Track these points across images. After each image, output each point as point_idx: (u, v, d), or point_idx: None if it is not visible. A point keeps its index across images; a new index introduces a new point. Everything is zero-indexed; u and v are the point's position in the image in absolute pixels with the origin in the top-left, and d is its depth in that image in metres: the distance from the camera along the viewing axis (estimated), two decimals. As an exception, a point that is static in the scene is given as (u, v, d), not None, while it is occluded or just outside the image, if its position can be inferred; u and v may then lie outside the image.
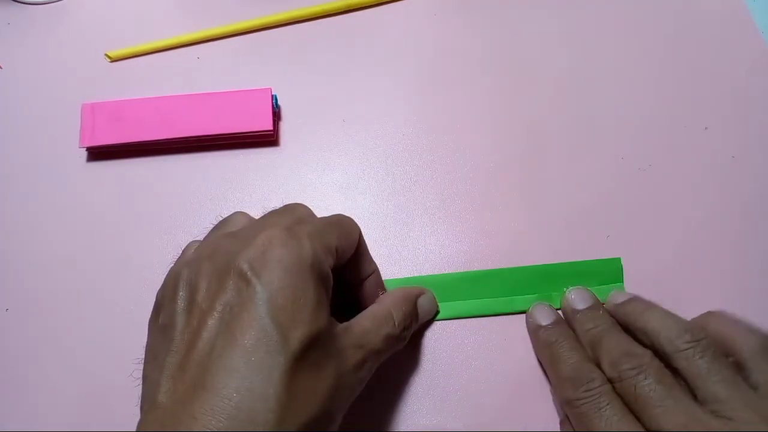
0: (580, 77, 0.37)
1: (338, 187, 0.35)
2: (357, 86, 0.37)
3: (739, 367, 0.26)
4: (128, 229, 0.34)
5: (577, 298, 0.30)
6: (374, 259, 0.31)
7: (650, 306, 0.29)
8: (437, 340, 0.31)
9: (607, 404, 0.25)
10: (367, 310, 0.27)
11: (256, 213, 0.34)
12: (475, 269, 0.32)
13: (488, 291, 0.32)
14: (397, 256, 0.33)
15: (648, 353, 0.26)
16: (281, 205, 0.27)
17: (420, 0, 0.40)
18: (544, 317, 0.30)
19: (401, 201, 0.34)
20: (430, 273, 0.33)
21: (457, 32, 0.39)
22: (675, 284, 0.32)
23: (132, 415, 0.30)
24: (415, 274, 0.33)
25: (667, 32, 0.38)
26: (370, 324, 0.25)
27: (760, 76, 0.37)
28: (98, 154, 0.36)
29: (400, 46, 0.38)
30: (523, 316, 0.31)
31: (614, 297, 0.31)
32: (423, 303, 0.30)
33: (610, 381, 0.26)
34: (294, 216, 0.26)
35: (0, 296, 0.33)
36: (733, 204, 0.34)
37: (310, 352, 0.21)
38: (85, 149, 0.36)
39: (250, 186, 0.35)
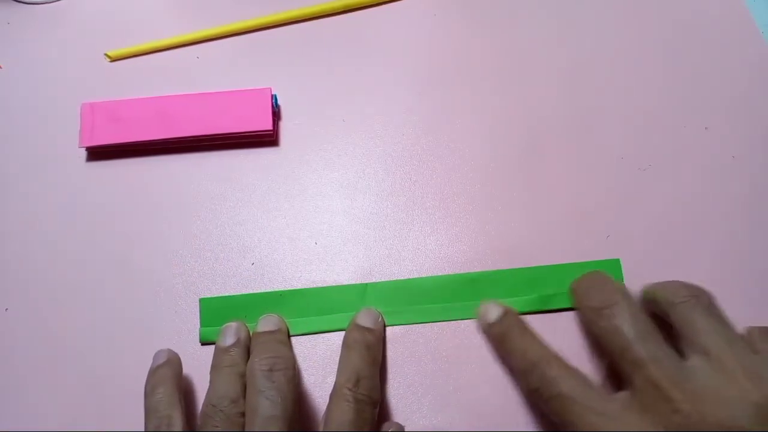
0: (580, 77, 0.37)
1: (338, 187, 0.35)
2: (357, 86, 0.37)
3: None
4: (128, 229, 0.34)
5: (489, 312, 0.30)
6: (374, 259, 0.31)
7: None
8: (437, 340, 0.31)
9: (561, 386, 0.26)
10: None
11: (257, 212, 0.34)
12: (474, 269, 0.32)
13: (488, 292, 0.32)
14: (397, 256, 0.33)
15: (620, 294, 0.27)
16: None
17: (420, 0, 0.40)
18: (491, 313, 0.30)
19: (401, 201, 0.34)
20: (430, 273, 0.33)
21: (457, 32, 0.39)
22: (675, 284, 0.32)
23: (132, 414, 0.30)
24: (415, 275, 0.33)
25: (667, 32, 0.38)
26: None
27: (760, 76, 0.37)
28: (98, 154, 0.36)
29: (400, 46, 0.38)
30: (523, 316, 0.31)
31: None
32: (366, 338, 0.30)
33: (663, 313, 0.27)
34: None
35: (0, 296, 0.33)
36: (733, 204, 0.34)
37: None
38: (84, 149, 0.36)
39: (250, 186, 0.35)
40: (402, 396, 0.30)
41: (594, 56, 0.38)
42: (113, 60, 0.38)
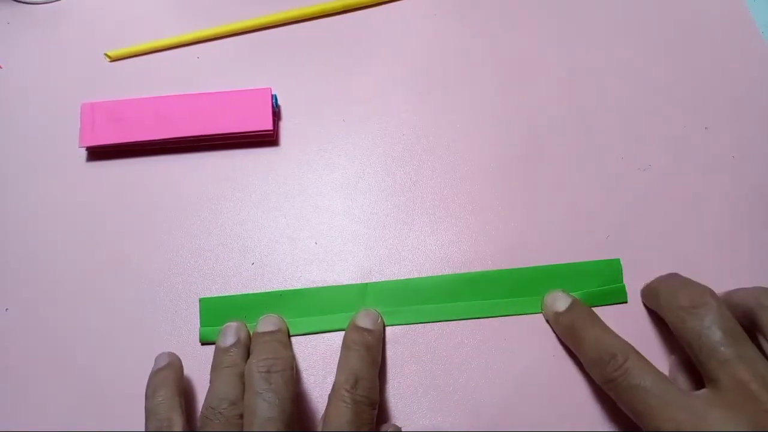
0: (580, 77, 0.37)
1: (338, 187, 0.35)
2: (357, 86, 0.37)
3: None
4: (128, 229, 0.34)
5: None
6: (374, 259, 0.31)
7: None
8: (437, 340, 0.31)
9: (640, 379, 0.26)
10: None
11: (257, 212, 0.34)
12: (475, 269, 0.32)
13: (488, 292, 0.32)
14: (397, 256, 0.33)
15: (708, 296, 0.27)
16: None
17: (420, 0, 0.40)
18: (560, 303, 0.30)
19: (401, 201, 0.34)
20: (430, 273, 0.33)
21: (456, 32, 0.39)
22: (675, 284, 0.32)
23: (131, 414, 0.30)
24: (415, 275, 0.33)
25: (667, 32, 0.38)
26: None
27: (760, 76, 0.37)
28: (98, 153, 0.36)
29: (400, 46, 0.38)
30: (523, 317, 0.31)
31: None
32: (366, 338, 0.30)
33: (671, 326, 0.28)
34: None
35: (0, 296, 0.33)
36: (733, 204, 0.34)
37: None
38: (84, 149, 0.36)
39: (250, 186, 0.35)
40: (402, 396, 0.30)
41: (594, 56, 0.38)
42: (113, 60, 0.38)
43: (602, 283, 0.32)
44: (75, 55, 0.39)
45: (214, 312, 0.32)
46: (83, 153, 0.36)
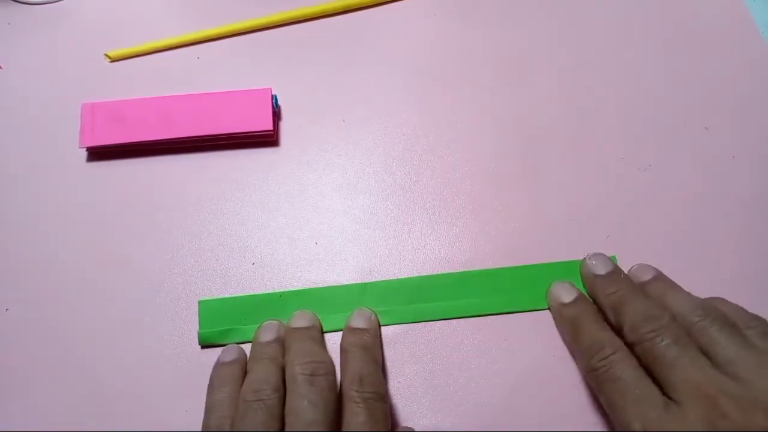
0: (580, 77, 0.37)
1: (338, 187, 0.35)
2: (357, 86, 0.37)
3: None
4: (128, 229, 0.34)
5: (598, 264, 0.31)
6: (374, 259, 0.31)
7: (672, 286, 0.30)
8: (437, 340, 0.31)
9: (622, 372, 0.26)
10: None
11: (257, 212, 0.34)
12: (475, 269, 0.32)
13: (487, 290, 0.32)
14: (397, 256, 0.33)
15: (667, 315, 0.27)
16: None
17: (420, 0, 0.40)
18: (566, 295, 0.30)
19: (401, 201, 0.34)
20: (430, 273, 0.33)
21: (457, 32, 0.39)
22: (675, 284, 0.32)
23: (132, 414, 0.30)
24: (415, 274, 0.33)
25: (667, 32, 0.38)
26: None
27: (760, 76, 0.37)
28: (98, 154, 0.36)
29: (400, 46, 0.38)
30: (522, 315, 0.31)
31: (639, 273, 0.31)
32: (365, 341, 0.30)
33: (631, 345, 0.27)
34: None
35: (0, 296, 0.33)
36: (733, 204, 0.34)
37: None
38: (85, 149, 0.36)
39: (250, 186, 0.35)
40: (402, 396, 0.30)
41: (594, 56, 0.38)
42: (113, 60, 0.38)
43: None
44: (75, 55, 0.39)
45: (213, 314, 0.32)
46: (83, 153, 0.36)
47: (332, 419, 0.26)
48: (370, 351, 0.29)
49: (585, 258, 0.32)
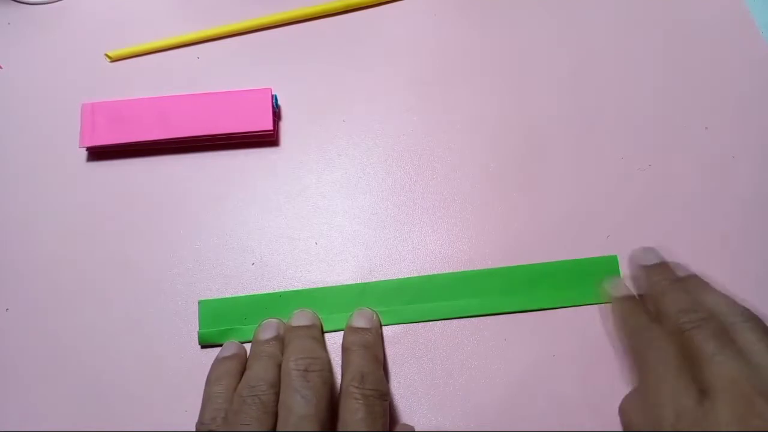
0: (580, 77, 0.37)
1: (338, 187, 0.35)
2: (357, 86, 0.37)
3: None
4: (128, 229, 0.34)
5: (647, 255, 0.31)
6: (374, 259, 0.30)
7: (710, 285, 0.29)
8: (437, 340, 0.31)
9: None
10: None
11: (257, 212, 0.34)
12: (475, 269, 0.32)
13: (488, 290, 0.32)
14: (397, 256, 0.33)
15: (708, 310, 0.27)
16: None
17: (420, 0, 0.40)
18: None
19: (401, 201, 0.34)
20: (430, 273, 0.33)
21: (457, 32, 0.39)
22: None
23: (132, 414, 0.30)
24: (415, 274, 0.33)
25: (667, 32, 0.38)
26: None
27: (760, 76, 0.37)
28: (98, 154, 0.36)
29: (400, 46, 0.38)
30: (522, 315, 0.31)
31: (676, 269, 0.31)
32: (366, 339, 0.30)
33: (670, 333, 0.27)
34: None
35: (0, 296, 0.33)
36: (733, 204, 0.34)
37: None
38: (85, 149, 0.36)
39: (250, 186, 0.35)
40: (402, 396, 0.30)
41: (594, 56, 0.38)
42: (113, 60, 0.38)
43: (600, 279, 0.32)
44: (75, 55, 0.39)
45: (213, 314, 0.32)
46: (83, 153, 0.36)
47: (325, 415, 0.26)
48: (371, 349, 0.29)
49: (634, 250, 0.32)
